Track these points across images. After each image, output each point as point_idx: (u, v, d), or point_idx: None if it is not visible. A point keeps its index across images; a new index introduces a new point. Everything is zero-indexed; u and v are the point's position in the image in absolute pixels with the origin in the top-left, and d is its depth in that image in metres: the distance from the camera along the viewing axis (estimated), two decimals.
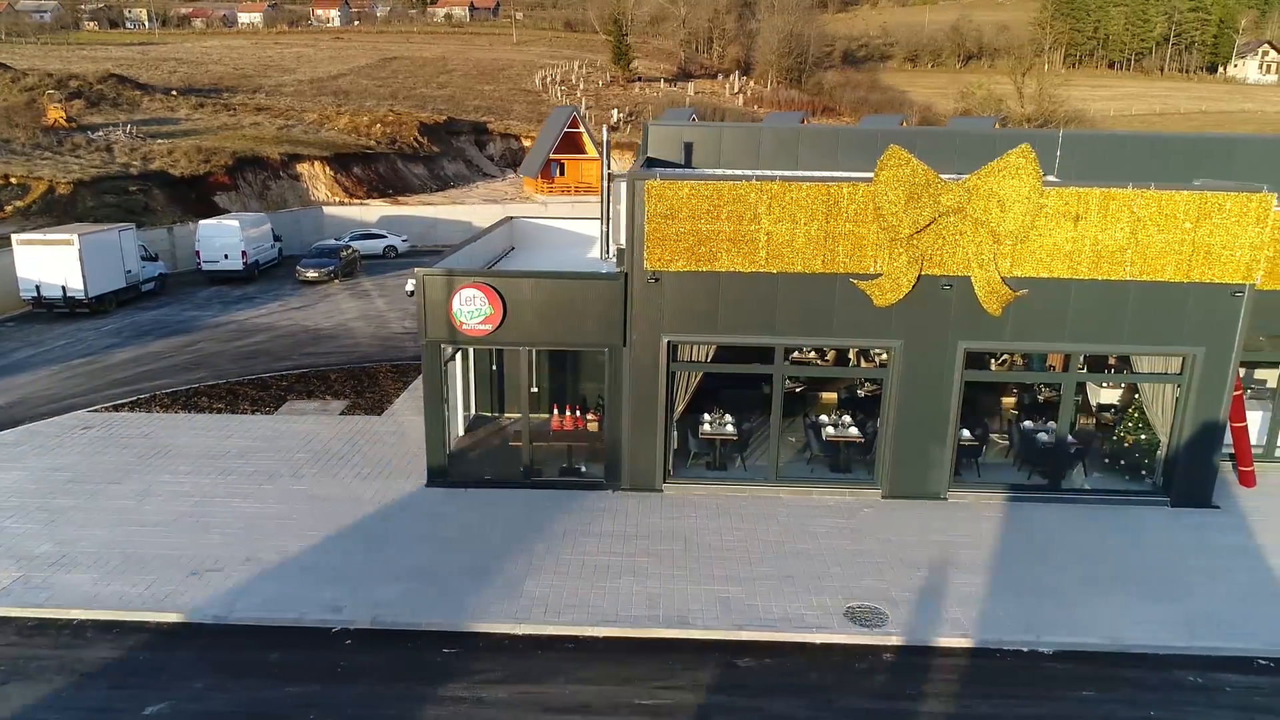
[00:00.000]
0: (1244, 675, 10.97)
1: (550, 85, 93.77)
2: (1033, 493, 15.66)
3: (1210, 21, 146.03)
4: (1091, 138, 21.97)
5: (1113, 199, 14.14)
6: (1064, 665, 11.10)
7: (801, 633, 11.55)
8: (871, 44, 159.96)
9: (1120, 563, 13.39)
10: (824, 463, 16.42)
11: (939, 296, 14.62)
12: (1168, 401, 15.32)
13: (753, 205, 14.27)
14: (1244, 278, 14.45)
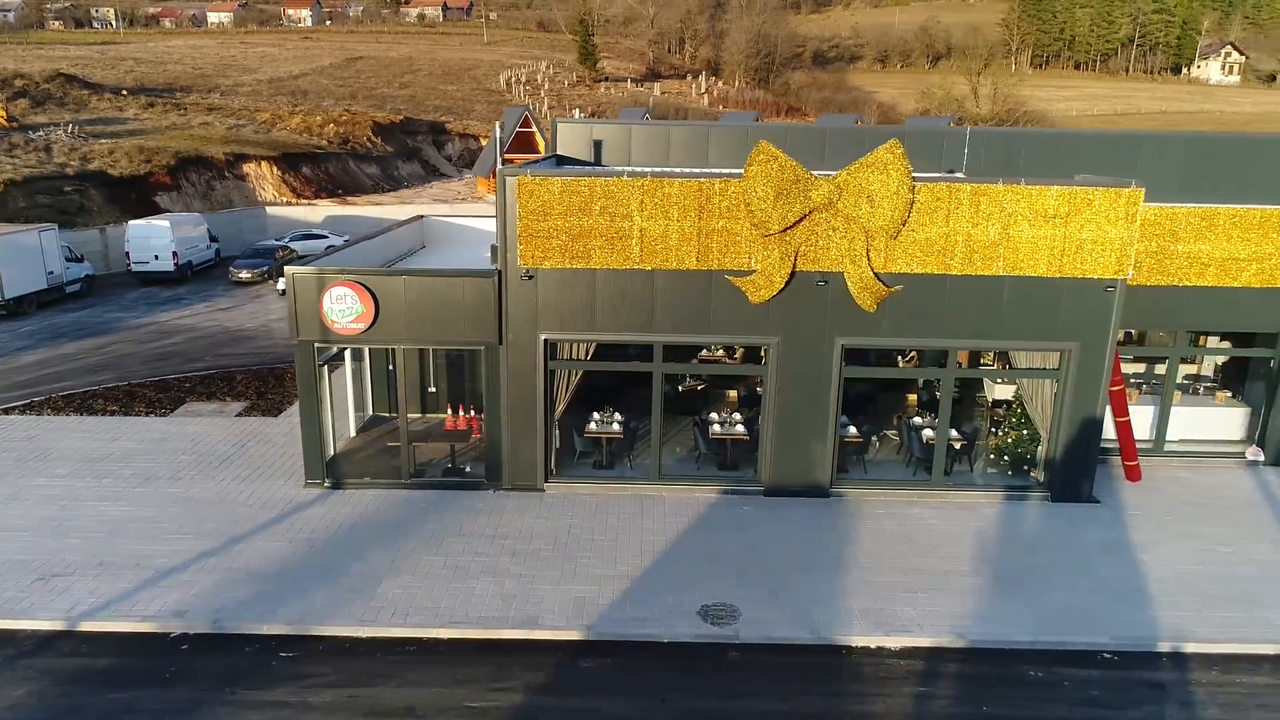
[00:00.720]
0: (1085, 669, 10.96)
1: (515, 85, 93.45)
2: (917, 488, 15.64)
3: (1174, 23, 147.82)
4: (1003, 135, 22.04)
5: (983, 194, 14.14)
6: (908, 661, 11.05)
7: (650, 632, 11.43)
8: (842, 45, 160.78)
9: (987, 558, 13.38)
10: (712, 461, 16.33)
11: (815, 292, 14.56)
12: (1047, 397, 15.34)
13: (625, 202, 14.16)
14: (1116, 272, 14.49)
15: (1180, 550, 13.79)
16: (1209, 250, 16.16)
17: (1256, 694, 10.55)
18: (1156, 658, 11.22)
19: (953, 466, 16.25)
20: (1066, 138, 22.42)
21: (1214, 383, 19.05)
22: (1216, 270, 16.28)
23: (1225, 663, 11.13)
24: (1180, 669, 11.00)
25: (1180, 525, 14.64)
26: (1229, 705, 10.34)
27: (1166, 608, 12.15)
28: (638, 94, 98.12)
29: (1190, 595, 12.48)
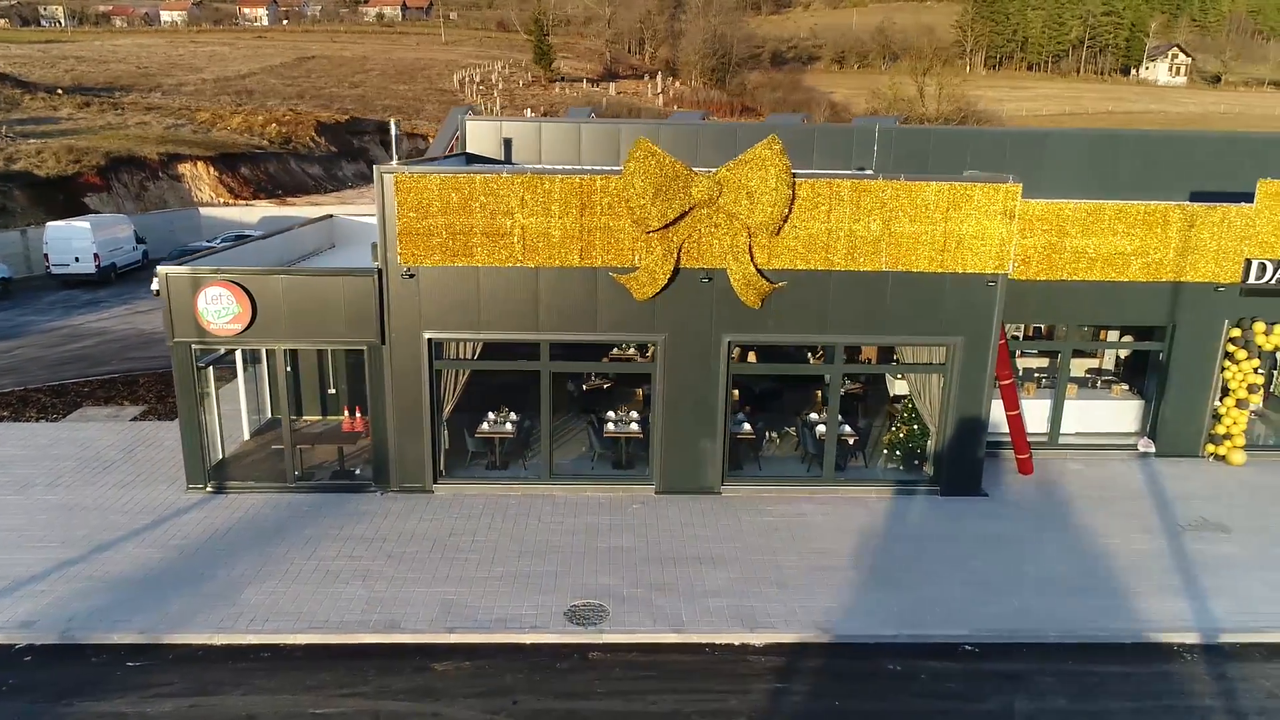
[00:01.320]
0: (945, 662, 11.00)
1: (468, 85, 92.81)
2: (810, 484, 15.65)
3: (1123, 25, 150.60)
4: (915, 132, 22.22)
5: (864, 190, 14.19)
6: (770, 658, 11.01)
7: (514, 633, 11.30)
8: (801, 46, 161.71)
9: (866, 553, 13.41)
10: (608, 459, 16.24)
11: (700, 289, 14.52)
12: (934, 392, 15.43)
13: (506, 199, 14.01)
14: (996, 267, 14.61)
15: (1058, 541, 13.92)
16: (1096, 245, 16.37)
17: (1108, 682, 10.65)
18: (1016, 649, 11.29)
19: (848, 462, 16.31)
20: (976, 135, 22.69)
21: (1113, 376, 19.32)
22: (1104, 265, 16.50)
23: (1082, 652, 11.23)
24: (1038, 659, 11.08)
25: (1062, 517, 14.80)
26: (1079, 695, 10.42)
27: (1035, 598, 12.24)
28: (593, 94, 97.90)
29: (1060, 586, 12.60)
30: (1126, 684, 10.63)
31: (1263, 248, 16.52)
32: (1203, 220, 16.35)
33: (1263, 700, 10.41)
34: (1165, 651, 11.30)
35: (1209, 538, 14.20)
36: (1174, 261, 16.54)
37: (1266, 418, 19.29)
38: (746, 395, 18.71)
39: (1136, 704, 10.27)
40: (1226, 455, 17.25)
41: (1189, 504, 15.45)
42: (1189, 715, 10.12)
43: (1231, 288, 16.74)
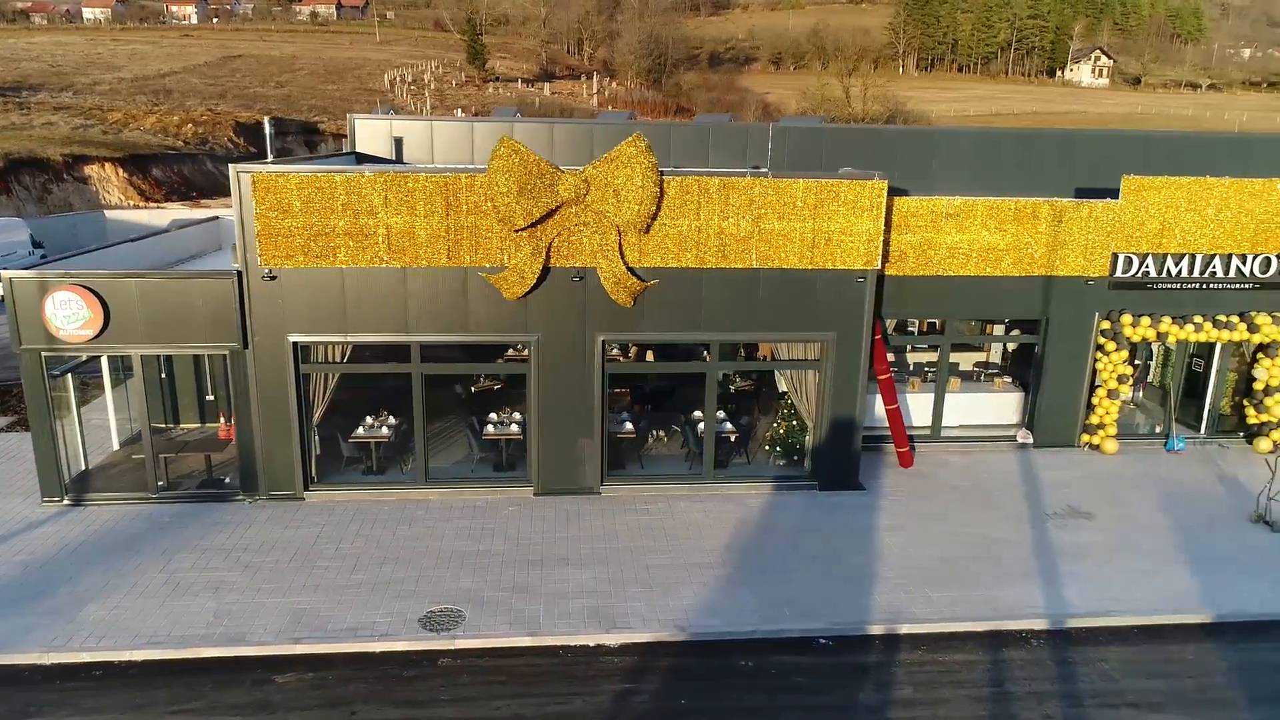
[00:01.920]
0: (798, 656, 11.05)
1: (399, 85, 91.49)
2: (690, 482, 15.64)
3: (1048, 29, 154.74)
4: (809, 130, 22.39)
5: (733, 188, 14.22)
6: (623, 658, 10.94)
7: (363, 642, 11.04)
8: (738, 47, 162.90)
9: (736, 550, 13.43)
10: (489, 462, 16.03)
11: (571, 288, 14.40)
12: (810, 388, 15.54)
13: (369, 198, 13.73)
14: (865, 263, 14.77)
15: (926, 533, 14.12)
16: (969, 240, 16.66)
17: (952, 670, 10.81)
18: (871, 641, 11.40)
19: (730, 460, 16.35)
20: (871, 133, 22.95)
21: (997, 370, 19.72)
22: (978, 260, 16.80)
23: (933, 642, 11.38)
24: (889, 651, 11.20)
25: (934, 509, 15.02)
26: (923, 684, 10.55)
27: (895, 590, 12.38)
28: (527, 94, 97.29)
29: (921, 577, 12.76)
30: (971, 672, 10.80)
31: (1128, 242, 17.00)
32: (1071, 216, 16.76)
33: (1099, 683, 10.65)
34: (1013, 638, 11.51)
35: (1073, 525, 14.54)
36: (1045, 256, 16.93)
37: (1144, 407, 19.89)
38: (637, 394, 18.69)
39: (975, 691, 10.42)
40: (1100, 444, 17.71)
41: (1059, 493, 15.81)
42: (1026, 700, 10.31)
43: (1100, 281, 17.19)
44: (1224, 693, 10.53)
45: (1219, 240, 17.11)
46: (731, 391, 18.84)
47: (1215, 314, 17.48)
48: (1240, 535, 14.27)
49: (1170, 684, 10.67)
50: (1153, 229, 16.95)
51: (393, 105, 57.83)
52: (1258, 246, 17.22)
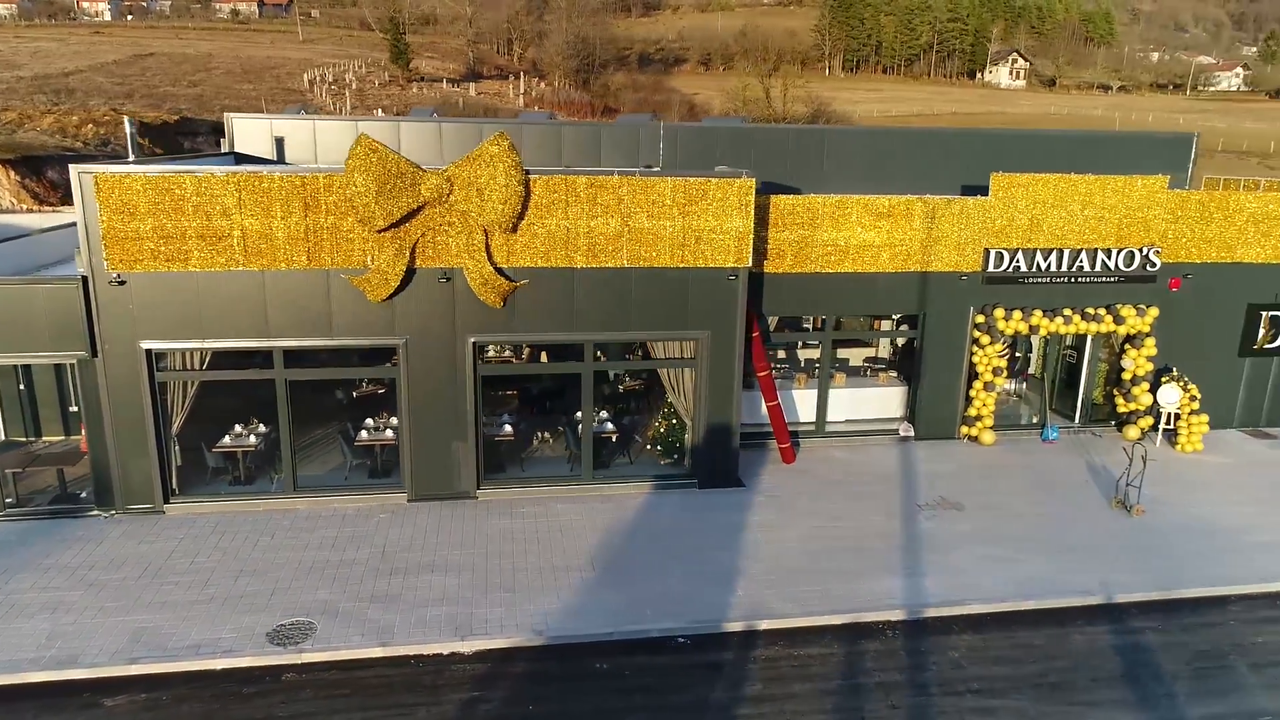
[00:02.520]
0: (654, 657, 10.99)
1: (318, 85, 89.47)
2: (570, 484, 15.50)
3: (968, 31, 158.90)
4: (699, 130, 22.46)
5: (601, 187, 14.12)
6: (476, 665, 10.74)
7: (205, 660, 10.62)
8: (668, 48, 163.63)
9: (607, 550, 13.33)
10: (364, 469, 15.66)
11: (439, 289, 14.14)
12: (687, 387, 15.54)
13: (222, 199, 13.26)
14: (736, 261, 14.82)
15: (799, 528, 14.22)
16: (846, 237, 16.88)
17: (806, 665, 10.87)
18: (729, 638, 11.41)
19: (611, 460, 16.26)
20: (764, 131, 23.09)
21: (883, 364, 20.03)
22: (855, 257, 17.03)
23: (791, 637, 11.44)
24: (746, 647, 11.21)
25: (811, 504, 15.16)
26: (775, 679, 10.59)
27: (759, 587, 12.42)
28: (451, 94, 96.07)
29: (787, 572, 12.84)
30: (823, 665, 10.88)
31: (999, 237, 17.41)
32: (943, 212, 17.10)
33: (947, 671, 10.84)
34: (870, 630, 11.64)
35: (942, 516, 14.82)
36: (920, 252, 17.24)
37: (1026, 398, 20.41)
38: (526, 395, 18.49)
39: (826, 685, 10.50)
40: (978, 436, 18.12)
41: (934, 484, 16.11)
42: (874, 691, 10.42)
43: (974, 276, 17.59)
44: (1065, 676, 10.80)
45: (1085, 235, 17.64)
46: (620, 391, 18.78)
47: (1084, 307, 18.03)
48: (1101, 522, 14.71)
49: (1015, 669, 10.91)
50: (1022, 225, 17.40)
51: (303, 105, 56.45)
52: (1122, 241, 17.81)
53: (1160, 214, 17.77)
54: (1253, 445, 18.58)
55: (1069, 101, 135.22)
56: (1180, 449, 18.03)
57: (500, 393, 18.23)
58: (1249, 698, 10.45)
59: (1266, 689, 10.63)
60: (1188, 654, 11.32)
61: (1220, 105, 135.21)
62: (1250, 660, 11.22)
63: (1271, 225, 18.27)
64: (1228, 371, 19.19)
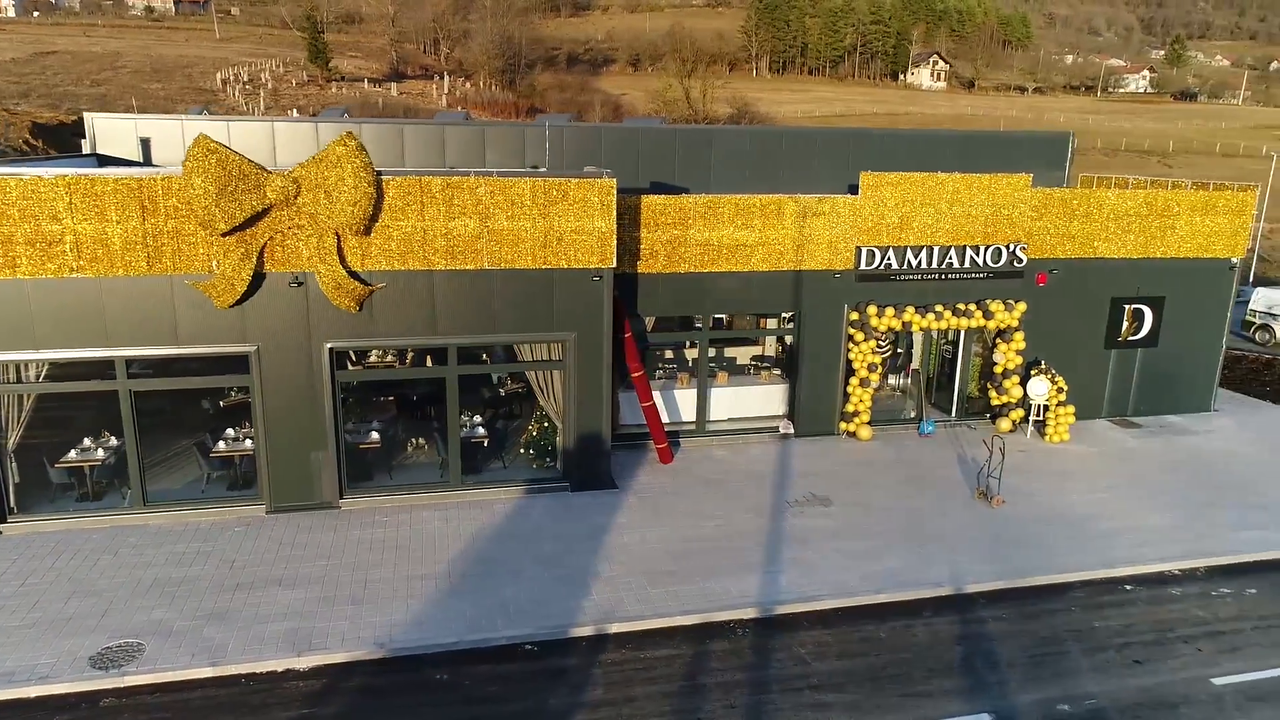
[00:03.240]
0: (498, 664, 10.79)
1: (232, 85, 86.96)
2: (441, 491, 15.21)
3: (890, 34, 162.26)
4: (589, 129, 22.35)
5: (458, 188, 13.88)
6: (310, 681, 10.41)
7: (17, 688, 10.07)
8: (597, 48, 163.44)
9: (466, 558, 13.09)
10: (224, 481, 15.13)
11: (291, 295, 13.73)
12: (557, 389, 15.40)
13: (51, 202, 12.65)
14: (600, 262, 14.72)
15: (665, 529, 14.19)
16: (719, 237, 16.93)
17: (651, 667, 10.81)
18: (577, 643, 11.29)
19: (484, 465, 16.02)
20: (651, 131, 23.07)
21: (767, 363, 20.17)
22: (729, 256, 17.10)
23: (640, 639, 11.37)
24: (594, 652, 11.11)
25: (681, 504, 15.15)
26: (617, 683, 10.49)
27: (616, 589, 12.34)
28: (372, 94, 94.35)
29: (647, 573, 12.78)
30: (668, 667, 10.83)
31: (870, 235, 17.68)
32: (815, 211, 17.28)
33: (790, 668, 10.89)
34: (720, 629, 11.64)
35: (810, 512, 14.94)
36: (794, 251, 17.40)
37: (910, 393, 20.77)
38: (405, 401, 18.11)
39: (667, 686, 10.45)
40: (856, 431, 18.37)
41: (807, 481, 16.26)
42: (714, 691, 10.40)
43: (847, 274, 17.82)
44: (904, 668, 10.94)
45: (954, 233, 18.02)
46: (503, 394, 18.56)
47: (955, 303, 18.42)
48: (962, 514, 15.02)
49: (857, 663, 11.01)
50: (892, 223, 17.69)
51: (206, 106, 54.68)
52: (989, 238, 18.25)
53: (1025, 211, 18.26)
54: (1117, 434, 19.23)
55: (986, 102, 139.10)
56: (1048, 440, 18.56)
57: (380, 398, 17.83)
58: (1078, 682, 10.73)
59: (1096, 672, 10.94)
60: (1027, 641, 11.58)
61: (1127, 106, 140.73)
62: (1086, 645, 11.54)
63: (1130, 222, 18.94)
64: (1095, 363, 19.84)
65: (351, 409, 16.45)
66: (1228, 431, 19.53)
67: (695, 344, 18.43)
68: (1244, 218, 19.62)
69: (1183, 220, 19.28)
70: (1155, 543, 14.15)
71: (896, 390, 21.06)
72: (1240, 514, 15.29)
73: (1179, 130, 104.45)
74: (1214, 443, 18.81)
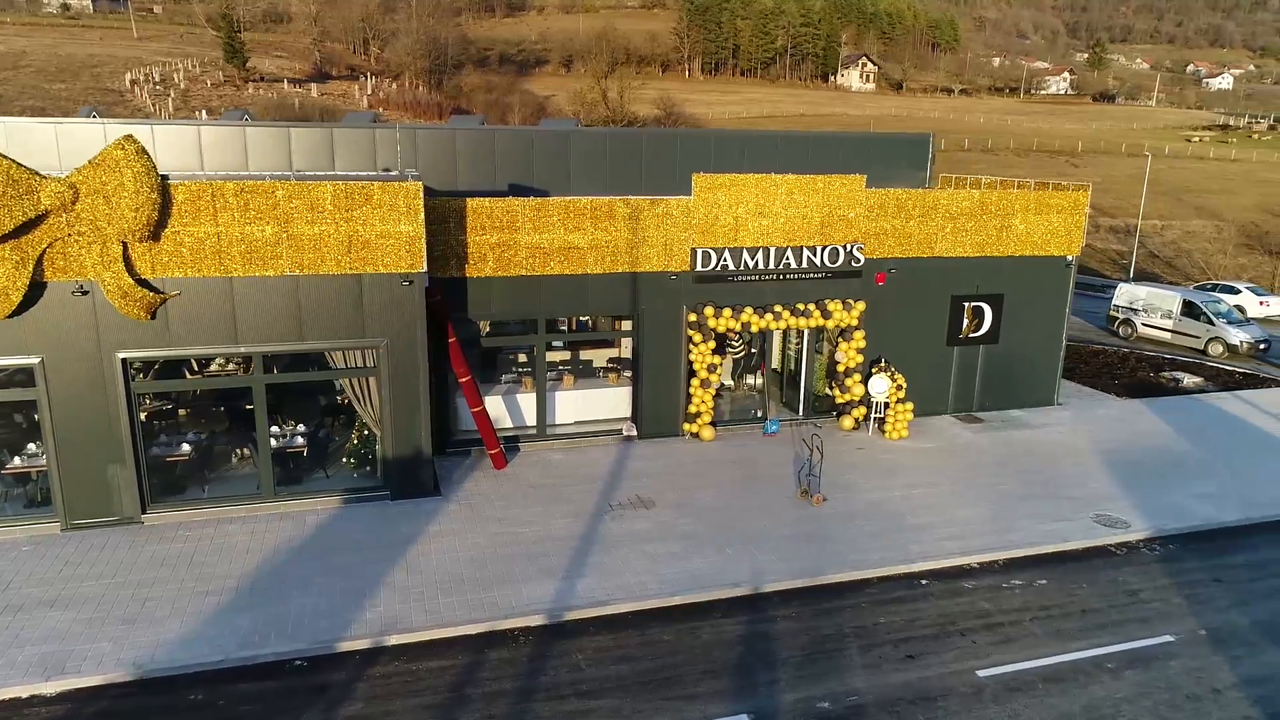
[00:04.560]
0: (261, 682, 10.49)
1: (140, 85, 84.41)
2: (256, 502, 14.82)
3: (820, 36, 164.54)
4: (444, 131, 22.04)
5: (253, 192, 13.53)
6: (54, 708, 10.00)
7: None
8: (529, 49, 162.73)
9: (261, 572, 12.74)
10: (20, 497, 14.54)
11: (77, 304, 13.23)
12: (374, 395, 15.12)
13: None
14: (410, 266, 14.50)
15: (477, 536, 14.02)
16: (549, 240, 16.82)
17: (419, 679, 10.62)
18: (350, 657, 11.04)
19: (308, 474, 15.67)
20: (502, 134, 22.70)
21: (620, 366, 20.10)
22: (560, 259, 16.99)
23: (417, 651, 11.17)
24: (364, 665, 10.87)
25: (502, 510, 14.99)
26: (379, 697, 10.29)
27: (406, 600, 12.12)
28: (290, 95, 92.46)
29: (442, 583, 12.59)
30: (438, 678, 10.65)
31: (705, 237, 17.74)
32: (647, 213, 17.28)
33: (564, 674, 10.79)
34: (503, 638, 11.51)
35: (629, 515, 14.91)
36: (627, 253, 17.36)
37: (767, 392, 20.91)
38: (234, 411, 17.61)
39: (431, 699, 10.28)
40: (699, 432, 18.42)
41: (637, 483, 16.24)
42: (477, 702, 10.25)
43: (684, 275, 17.86)
44: (678, 671, 10.92)
45: (790, 233, 18.19)
46: (340, 402, 18.15)
47: (795, 303, 18.59)
48: (782, 512, 15.12)
49: (632, 668, 10.97)
50: (727, 224, 17.77)
51: (95, 108, 52.80)
52: (826, 239, 18.46)
53: (860, 212, 18.51)
54: (958, 430, 19.62)
55: (911, 103, 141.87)
56: (888, 436, 18.84)
57: (216, 408, 17.31)
58: (846, 679, 10.83)
59: (867, 669, 11.06)
60: (808, 639, 11.67)
61: (1047, 107, 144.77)
62: (866, 642, 11.67)
63: (965, 221, 19.33)
64: (939, 360, 20.22)
65: (166, 420, 15.98)
66: (1064, 425, 20.08)
67: (562, 347, 18.29)
68: (1078, 217, 20.19)
69: (1018, 220, 19.75)
70: (962, 536, 14.42)
71: (753, 390, 21.23)
72: (1052, 505, 15.69)
73: (1093, 131, 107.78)
74: (1048, 436, 19.31)
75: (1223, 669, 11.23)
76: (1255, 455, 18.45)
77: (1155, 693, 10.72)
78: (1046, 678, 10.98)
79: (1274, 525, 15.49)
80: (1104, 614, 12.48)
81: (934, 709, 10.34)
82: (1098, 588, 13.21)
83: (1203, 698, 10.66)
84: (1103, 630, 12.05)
